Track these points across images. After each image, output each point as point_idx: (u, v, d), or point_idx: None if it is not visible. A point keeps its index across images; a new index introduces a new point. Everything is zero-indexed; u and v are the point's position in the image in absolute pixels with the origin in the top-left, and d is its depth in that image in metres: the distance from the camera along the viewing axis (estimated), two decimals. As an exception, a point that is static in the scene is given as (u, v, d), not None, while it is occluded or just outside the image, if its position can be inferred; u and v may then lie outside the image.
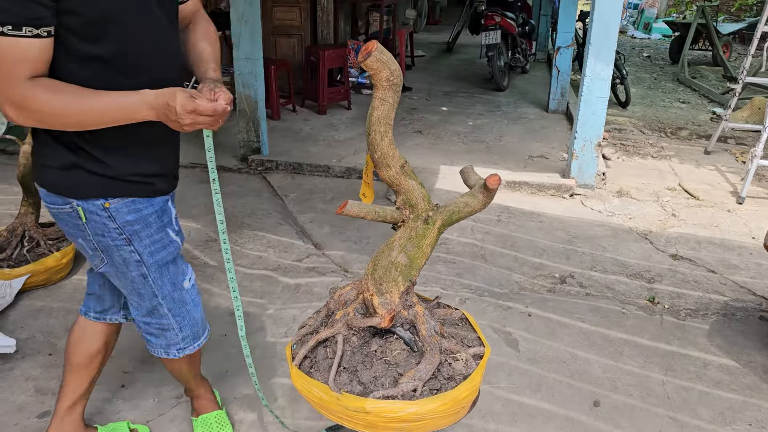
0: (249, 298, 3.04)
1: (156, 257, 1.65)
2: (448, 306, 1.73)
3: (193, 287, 1.80)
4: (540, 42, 10.18)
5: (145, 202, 1.60)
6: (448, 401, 1.36)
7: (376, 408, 1.34)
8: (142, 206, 1.59)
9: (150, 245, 1.63)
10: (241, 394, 2.37)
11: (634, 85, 8.74)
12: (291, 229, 3.92)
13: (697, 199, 4.57)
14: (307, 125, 6.12)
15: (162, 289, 1.70)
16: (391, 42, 8.14)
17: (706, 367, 2.58)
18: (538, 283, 3.29)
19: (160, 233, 1.65)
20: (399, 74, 1.48)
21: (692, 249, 3.73)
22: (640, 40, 14.00)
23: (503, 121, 6.47)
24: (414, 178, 1.60)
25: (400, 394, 1.36)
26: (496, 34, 7.39)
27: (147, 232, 1.62)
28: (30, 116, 1.34)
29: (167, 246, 1.68)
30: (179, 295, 1.74)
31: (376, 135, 1.52)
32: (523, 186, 4.68)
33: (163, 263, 1.68)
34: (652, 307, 3.05)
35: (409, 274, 1.52)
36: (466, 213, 1.56)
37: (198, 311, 1.82)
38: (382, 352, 1.48)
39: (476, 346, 1.49)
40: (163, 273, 1.68)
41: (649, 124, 6.71)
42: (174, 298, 1.73)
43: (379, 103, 1.49)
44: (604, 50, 4.26)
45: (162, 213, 1.65)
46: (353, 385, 1.42)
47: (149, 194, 1.61)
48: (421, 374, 1.38)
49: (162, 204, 1.66)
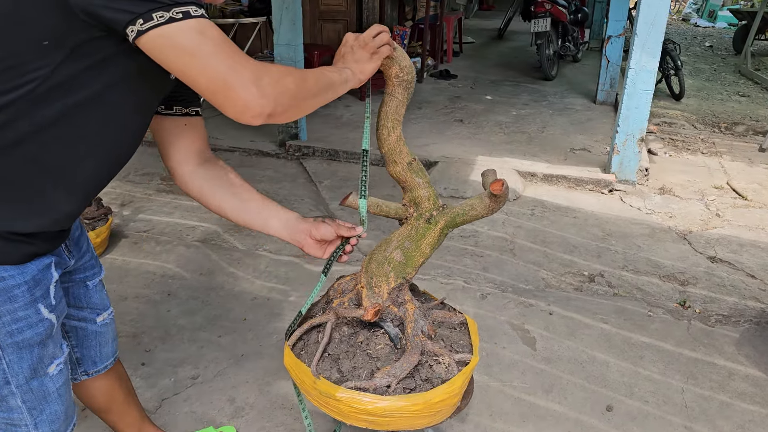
0: (272, 283, 3.09)
1: (16, 338, 1.24)
2: (453, 309, 1.70)
3: (61, 373, 1.37)
4: (594, 30, 9.91)
5: (12, 269, 1.20)
6: (419, 402, 1.36)
7: (345, 397, 1.37)
8: (8, 275, 1.20)
9: (10, 323, 1.23)
10: (254, 379, 2.42)
11: (691, 76, 8.40)
12: (321, 215, 3.95)
13: (746, 199, 4.37)
14: (347, 111, 6.14)
15: (17, 377, 1.28)
16: (438, 28, 8.06)
17: (731, 376, 2.48)
18: (565, 281, 3.22)
19: (26, 310, 1.24)
20: (410, 71, 1.46)
21: (733, 252, 3.58)
22: (703, 28, 13.42)
23: (548, 111, 6.33)
24: (422, 176, 1.58)
25: (372, 387, 1.38)
26: (545, 22, 7.22)
27: (8, 307, 1.21)
28: (284, 95, 1.09)
29: (34, 326, 1.26)
30: (39, 384, 1.32)
31: (383, 130, 1.52)
32: (560, 180, 4.58)
33: (26, 345, 1.27)
34: (681, 311, 2.95)
35: (404, 272, 1.51)
36: (471, 216, 1.52)
37: (62, 404, 1.39)
38: (366, 344, 1.51)
39: (465, 353, 1.47)
40: (23, 357, 1.27)
41: (703, 118, 6.44)
42: (32, 388, 1.31)
43: (387, 98, 1.49)
44: (651, 40, 4.09)
45: (35, 284, 1.24)
46: (332, 372, 1.45)
47: (21, 259, 1.21)
48: (395, 371, 1.39)
49: (37, 272, 1.24)
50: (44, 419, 1.36)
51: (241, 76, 1.03)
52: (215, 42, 1.02)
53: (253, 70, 1.05)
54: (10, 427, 1.35)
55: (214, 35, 1.03)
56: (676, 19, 15.08)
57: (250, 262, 3.29)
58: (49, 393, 1.35)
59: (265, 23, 6.73)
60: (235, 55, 1.04)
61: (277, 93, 1.08)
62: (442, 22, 8.16)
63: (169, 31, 0.99)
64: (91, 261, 1.53)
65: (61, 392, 1.38)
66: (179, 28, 1.00)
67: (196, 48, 1.01)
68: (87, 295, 1.55)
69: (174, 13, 0.99)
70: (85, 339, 1.59)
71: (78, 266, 1.49)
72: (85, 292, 1.54)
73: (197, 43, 1.01)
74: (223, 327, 2.71)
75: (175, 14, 0.99)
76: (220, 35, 1.04)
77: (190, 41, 1.01)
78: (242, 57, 1.05)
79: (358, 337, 1.52)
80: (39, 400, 1.34)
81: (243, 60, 1.05)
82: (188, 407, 2.27)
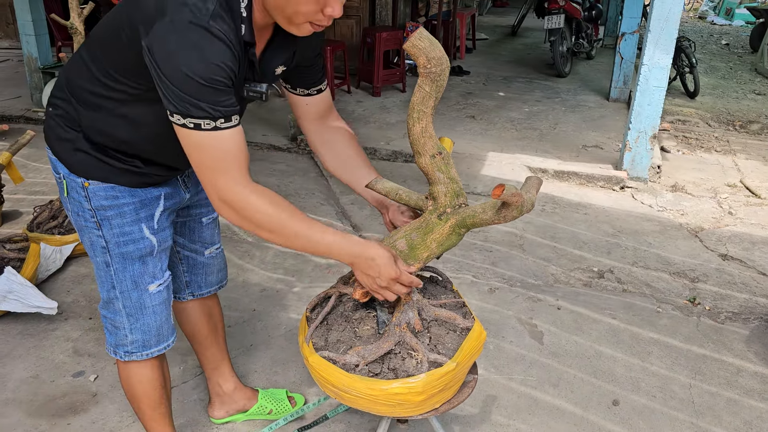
0: (279, 275, 3.12)
1: (122, 249, 1.57)
2: (469, 313, 1.65)
3: (159, 293, 1.66)
4: (609, 27, 9.83)
5: (124, 191, 1.54)
6: (376, 389, 1.38)
7: (315, 363, 1.46)
8: (120, 194, 1.53)
9: (119, 235, 1.55)
10: (263, 368, 2.44)
11: (706, 74, 8.32)
12: (332, 209, 3.97)
13: (759, 197, 4.33)
14: (360, 107, 6.15)
15: (121, 284, 1.60)
16: (451, 25, 8.04)
17: (739, 373, 2.47)
18: (575, 277, 3.21)
19: (132, 226, 1.56)
20: (439, 62, 1.38)
21: (745, 249, 3.55)
22: (720, 26, 13.27)
23: (560, 108, 6.30)
24: (445, 171, 1.53)
25: (342, 362, 1.43)
26: (559, 19, 7.18)
27: (119, 221, 1.55)
28: (242, 221, 1.33)
29: (137, 242, 1.58)
30: (138, 296, 1.62)
31: (409, 120, 1.50)
32: (572, 176, 4.56)
33: (129, 257, 1.58)
34: (691, 307, 2.93)
35: (404, 262, 1.51)
36: (482, 220, 1.46)
37: (156, 320, 1.68)
38: (358, 323, 1.55)
39: (443, 356, 1.46)
40: (126, 267, 1.59)
41: (717, 116, 6.38)
42: (132, 298, 1.62)
43: (416, 89, 1.44)
44: (664, 37, 4.07)
45: (141, 206, 1.57)
46: (319, 339, 1.52)
47: (134, 184, 1.54)
48: (363, 353, 1.43)
49: (144, 196, 1.57)
50: (138, 327, 1.65)
51: (217, 191, 1.32)
52: (209, 156, 1.29)
53: (229, 196, 1.32)
54: (113, 329, 1.67)
55: (212, 148, 1.28)
56: (692, 17, 14.94)
57: (257, 254, 3.32)
58: (145, 306, 1.64)
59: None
60: (220, 173, 1.30)
61: (239, 220, 1.34)
62: (455, 19, 8.14)
63: (180, 131, 1.29)
64: (207, 198, 1.77)
65: (156, 310, 1.66)
66: (187, 134, 1.28)
67: (192, 152, 1.30)
68: (200, 230, 1.88)
69: (188, 122, 1.26)
70: (194, 267, 1.92)
71: (194, 202, 1.80)
72: (198, 227, 1.87)
73: (192, 150, 1.30)
74: (232, 317, 2.73)
75: (188, 123, 1.26)
76: (220, 150, 1.28)
77: (188, 147, 1.30)
78: (228, 175, 1.30)
79: (355, 314, 1.57)
80: (136, 309, 1.63)
81: (226, 178, 1.31)
82: (197, 395, 2.29)
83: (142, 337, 1.67)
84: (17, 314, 2.67)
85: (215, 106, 1.24)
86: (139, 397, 1.76)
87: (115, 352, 1.69)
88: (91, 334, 2.62)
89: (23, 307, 2.58)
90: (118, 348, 1.69)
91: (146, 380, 1.74)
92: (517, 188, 1.37)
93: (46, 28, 5.88)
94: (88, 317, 2.73)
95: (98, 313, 2.72)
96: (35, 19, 5.70)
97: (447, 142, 1.69)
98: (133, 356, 1.69)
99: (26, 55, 5.86)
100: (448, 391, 1.50)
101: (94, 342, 2.56)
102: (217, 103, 1.24)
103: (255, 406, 2.16)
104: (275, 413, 2.17)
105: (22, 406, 2.21)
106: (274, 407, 2.17)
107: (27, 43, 5.80)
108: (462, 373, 1.53)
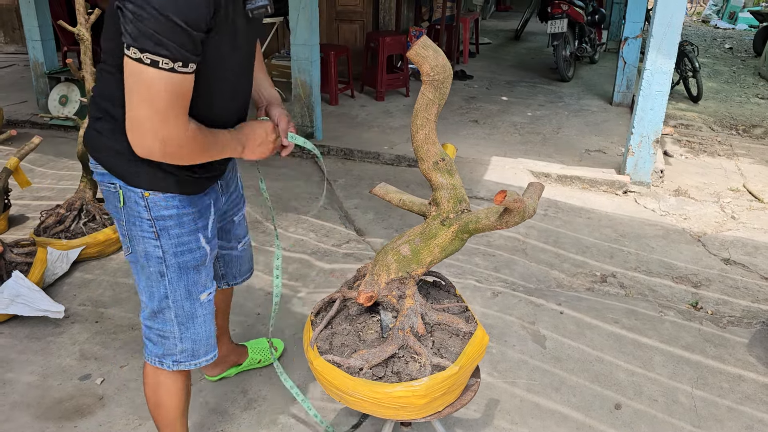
0: (284, 280, 3.14)
1: (179, 259, 1.59)
2: (471, 318, 1.67)
3: (209, 303, 1.70)
4: (612, 31, 9.85)
5: (184, 200, 1.56)
6: (380, 392, 1.40)
7: (320, 366, 1.49)
8: (180, 203, 1.56)
9: (177, 245, 1.58)
10: (267, 371, 2.46)
11: (709, 78, 8.33)
12: (335, 213, 3.99)
13: (762, 201, 4.34)
14: (363, 111, 6.18)
15: (175, 293, 1.62)
16: (454, 29, 8.07)
17: (741, 378, 2.48)
18: (577, 281, 3.23)
19: (190, 236, 1.59)
20: (442, 70, 1.42)
21: (748, 254, 3.56)
22: (723, 30, 13.27)
23: (563, 112, 6.32)
24: (448, 177, 1.56)
25: (346, 365, 1.45)
26: (562, 23, 7.20)
27: (177, 231, 1.57)
28: (174, 154, 1.37)
29: (194, 251, 1.61)
30: (191, 306, 1.66)
31: (413, 126, 1.53)
32: (574, 180, 4.58)
33: (185, 267, 1.61)
34: (693, 312, 2.94)
35: (408, 267, 1.54)
36: (484, 225, 1.49)
37: (205, 329, 1.71)
38: (362, 327, 1.58)
39: (446, 360, 1.49)
40: (182, 277, 1.61)
41: (721, 121, 6.39)
42: (184, 307, 1.65)
43: (420, 96, 1.48)
44: (667, 42, 4.08)
45: (199, 215, 1.61)
46: (324, 343, 1.56)
47: (190, 192, 1.57)
48: (368, 356, 1.45)
49: (201, 205, 1.62)
50: (188, 336, 1.68)
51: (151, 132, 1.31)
52: (159, 96, 1.27)
53: (164, 136, 1.32)
54: (160, 339, 1.67)
55: (162, 89, 1.26)
56: (695, 21, 14.94)
57: (261, 259, 3.34)
58: (197, 316, 1.67)
59: (282, 23, 6.79)
60: (170, 115, 1.30)
61: (173, 156, 1.37)
62: (458, 23, 8.18)
63: (131, 65, 1.26)
64: (237, 197, 1.92)
65: (206, 319, 1.70)
66: (139, 69, 1.25)
67: (140, 88, 1.27)
68: (234, 229, 1.97)
69: (144, 57, 1.23)
70: (229, 262, 2.03)
71: (228, 203, 1.87)
72: (232, 227, 1.95)
73: (140, 87, 1.27)
74: (236, 321, 2.76)
75: (145, 58, 1.23)
76: (166, 91, 1.27)
77: (136, 84, 1.27)
78: (166, 117, 1.30)
79: (359, 318, 1.60)
80: (188, 318, 1.66)
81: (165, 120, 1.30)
82: (202, 398, 2.31)
83: (192, 346, 1.70)
84: (24, 318, 2.70)
85: (180, 48, 1.24)
86: (166, 408, 1.78)
87: (161, 362, 1.69)
88: (97, 337, 2.64)
89: (30, 310, 2.61)
90: (165, 358, 1.69)
91: (175, 391, 1.76)
92: (519, 194, 1.39)
93: (52, 33, 5.93)
94: (94, 321, 2.76)
95: (104, 317, 2.76)
96: (41, 24, 5.76)
97: (450, 149, 1.71)
98: (182, 365, 1.70)
99: (32, 60, 5.92)
100: (451, 395, 1.52)
101: (100, 345, 2.59)
102: (183, 46, 1.24)
103: (247, 360, 2.42)
104: (263, 362, 2.47)
105: (29, 409, 2.24)
106: (261, 357, 2.46)
107: (33, 49, 5.86)
108: (465, 376, 1.55)
